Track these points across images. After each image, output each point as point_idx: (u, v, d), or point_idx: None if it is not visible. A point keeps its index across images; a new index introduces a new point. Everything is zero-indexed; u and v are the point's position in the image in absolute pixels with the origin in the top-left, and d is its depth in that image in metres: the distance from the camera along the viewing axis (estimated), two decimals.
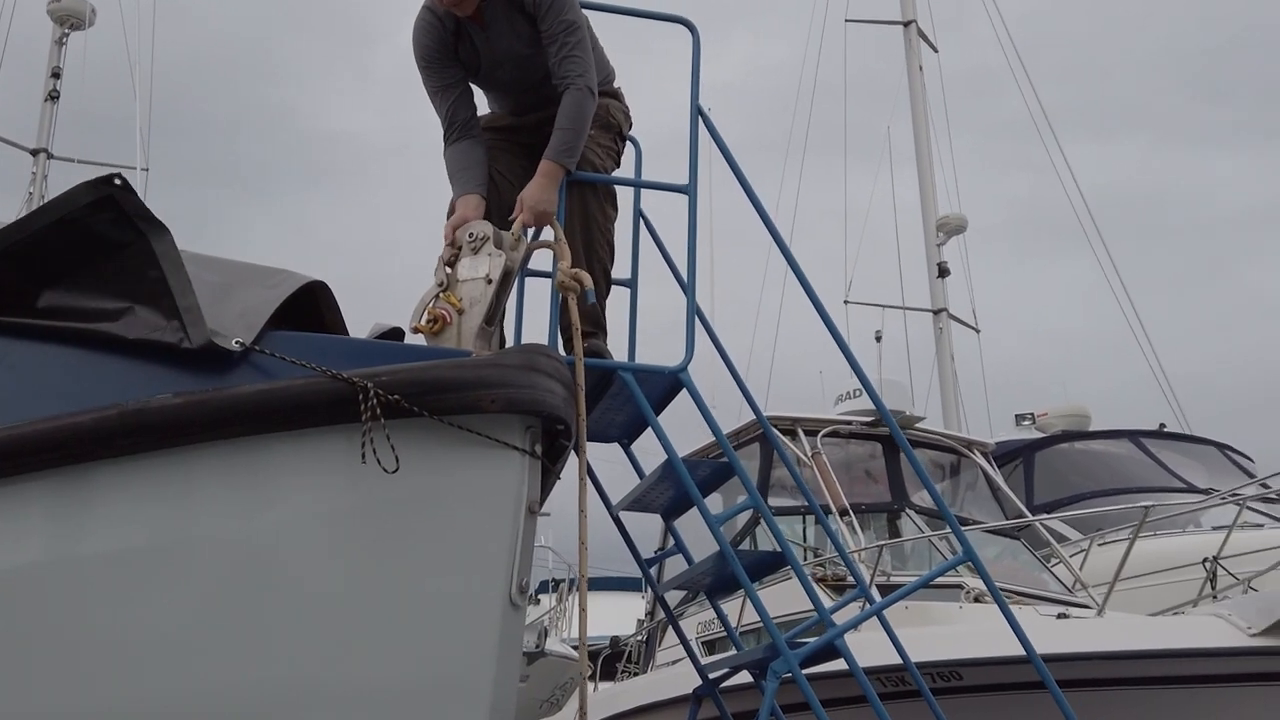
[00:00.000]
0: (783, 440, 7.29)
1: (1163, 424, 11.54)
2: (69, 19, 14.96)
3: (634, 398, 3.98)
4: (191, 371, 2.92)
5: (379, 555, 2.84)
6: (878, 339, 13.23)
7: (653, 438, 4.10)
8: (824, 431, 7.90)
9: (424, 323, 3.48)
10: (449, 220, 3.91)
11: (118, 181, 2.92)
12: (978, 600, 6.55)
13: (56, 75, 14.88)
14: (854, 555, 6.48)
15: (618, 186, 4.41)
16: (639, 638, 9.83)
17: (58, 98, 14.85)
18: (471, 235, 3.68)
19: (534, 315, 4.35)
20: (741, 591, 4.27)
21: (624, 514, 4.88)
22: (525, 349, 3.06)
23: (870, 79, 27.86)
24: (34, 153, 14.68)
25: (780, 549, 4.21)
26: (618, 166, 4.46)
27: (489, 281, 3.55)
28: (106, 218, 2.95)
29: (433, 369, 2.90)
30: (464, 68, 4.28)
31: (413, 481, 2.80)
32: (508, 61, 4.24)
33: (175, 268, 2.95)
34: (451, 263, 3.68)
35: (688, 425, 4.69)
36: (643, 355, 4.39)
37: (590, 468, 4.46)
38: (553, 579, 17.03)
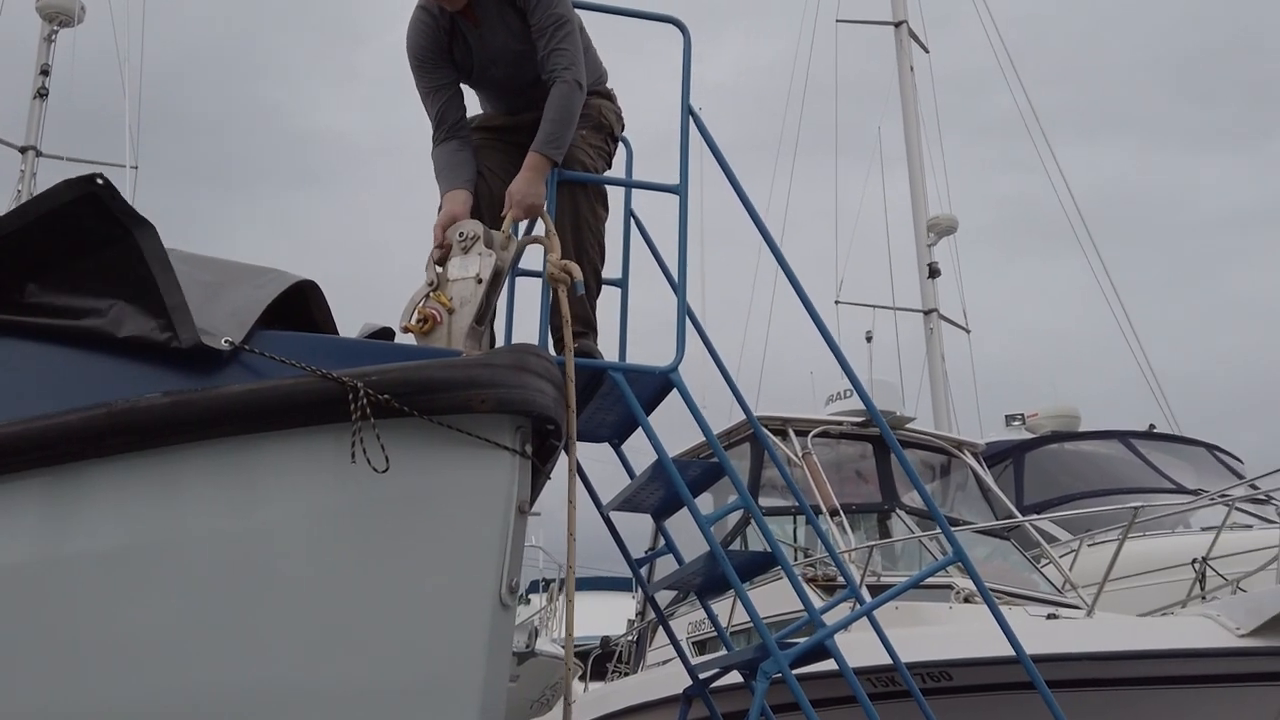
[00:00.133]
0: (773, 440, 7.28)
1: (1152, 425, 11.57)
2: (58, 16, 14.91)
3: (624, 398, 3.98)
4: (180, 371, 2.91)
5: (368, 555, 2.83)
6: (868, 339, 13.21)
7: (643, 437, 4.09)
8: (814, 432, 7.91)
9: (414, 322, 3.47)
10: (438, 217, 3.90)
11: (99, 181, 2.90)
12: (968, 601, 6.55)
13: (45, 72, 14.84)
14: (844, 555, 6.49)
15: (609, 186, 4.41)
16: (629, 638, 9.82)
17: (46, 95, 14.81)
18: (462, 235, 3.67)
19: (524, 315, 4.35)
20: (732, 592, 4.27)
21: (614, 514, 4.87)
22: (515, 349, 3.05)
23: (861, 79, 27.99)
24: (22, 150, 14.64)
25: (770, 549, 4.21)
26: (609, 167, 4.45)
27: (479, 281, 3.54)
28: (91, 215, 2.94)
29: (423, 369, 2.89)
30: (457, 69, 4.27)
31: (403, 481, 2.79)
32: (500, 58, 4.22)
33: (162, 266, 2.94)
34: (441, 262, 3.67)
35: (678, 425, 4.70)
36: (633, 355, 4.39)
37: (580, 467, 4.46)
38: (543, 579, 17.04)
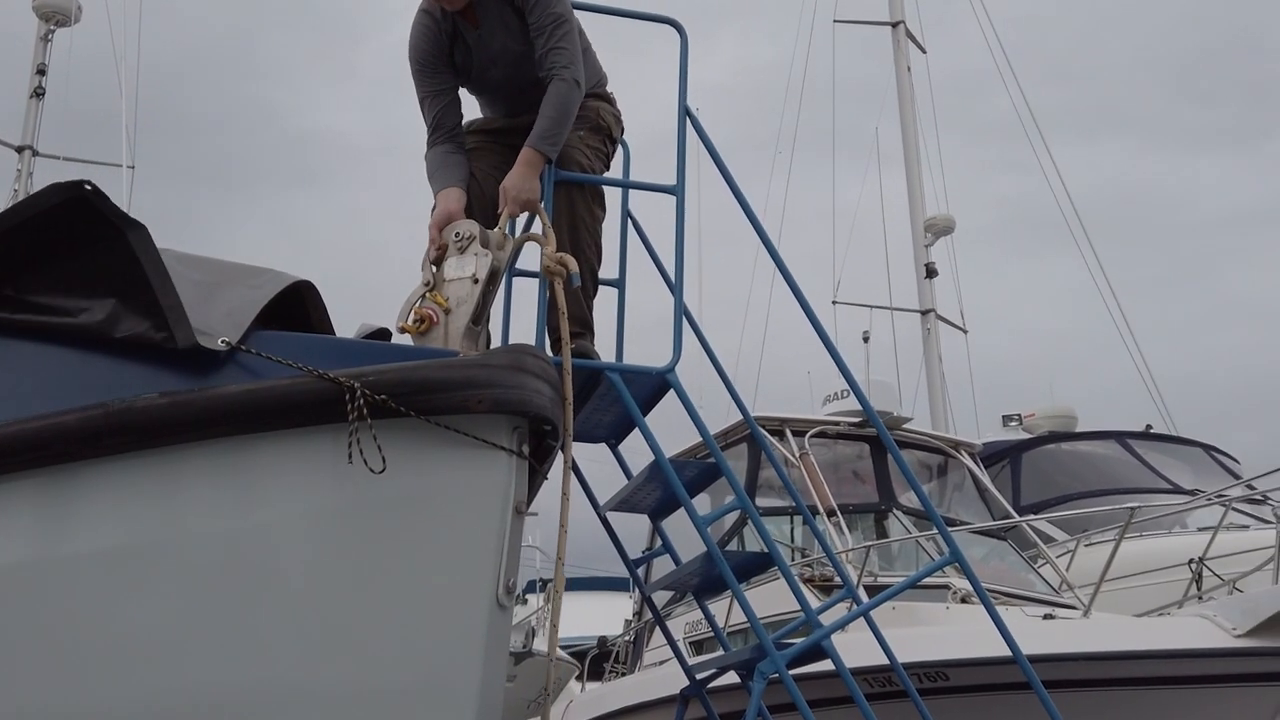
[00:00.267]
0: (770, 441, 7.28)
1: (1149, 425, 11.56)
2: (54, 15, 14.86)
3: (621, 398, 3.97)
4: (177, 371, 2.91)
5: (365, 555, 2.83)
6: (865, 339, 13.22)
7: (640, 438, 4.09)
8: (812, 432, 7.91)
9: (411, 322, 3.47)
10: (432, 216, 3.90)
11: (88, 186, 2.90)
12: (964, 601, 6.55)
13: (42, 72, 14.79)
14: (841, 556, 6.49)
15: (606, 187, 4.40)
16: (626, 638, 9.82)
17: (43, 94, 14.76)
18: (458, 235, 3.66)
19: (521, 315, 4.34)
20: (729, 592, 4.26)
21: (611, 514, 4.87)
22: (512, 349, 3.06)
23: (859, 80, 27.96)
24: (19, 150, 14.60)
25: (767, 550, 4.21)
26: (607, 169, 4.43)
27: (475, 281, 3.54)
28: (82, 218, 2.93)
29: (420, 369, 2.89)
30: (457, 74, 4.26)
31: (399, 482, 2.79)
32: (500, 59, 4.21)
33: (155, 266, 2.94)
34: (437, 262, 3.67)
35: (675, 425, 4.70)
36: (630, 355, 4.39)
37: (577, 467, 4.46)
38: (540, 579, 17.03)
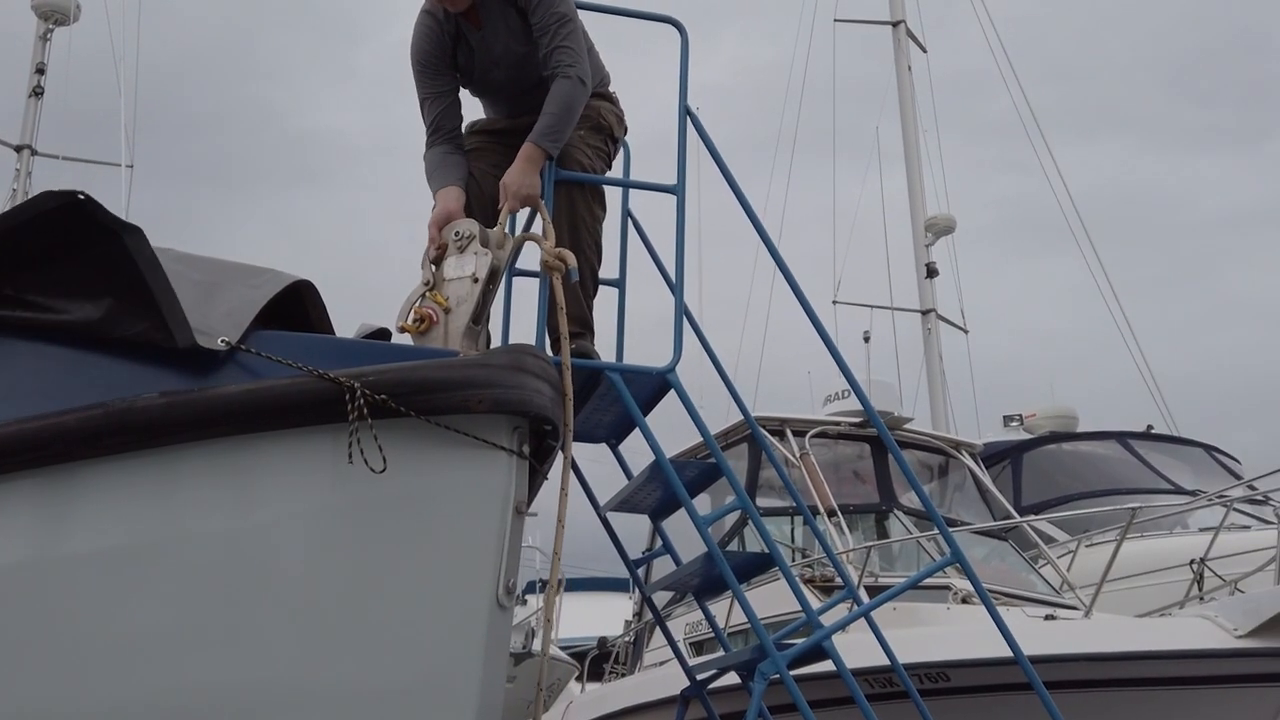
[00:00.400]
0: (771, 441, 7.27)
1: (1150, 425, 11.56)
2: (53, 14, 14.88)
3: (622, 398, 3.96)
4: (177, 371, 2.90)
5: (366, 555, 2.83)
6: (866, 339, 13.24)
7: (640, 438, 4.08)
8: (812, 432, 7.91)
9: (410, 322, 3.46)
10: (432, 215, 3.89)
11: (81, 196, 2.89)
12: (965, 601, 6.55)
13: (41, 71, 14.79)
14: (842, 556, 6.48)
15: (606, 186, 4.39)
16: (626, 639, 9.81)
17: (42, 94, 14.77)
18: (458, 234, 3.65)
19: (522, 314, 4.33)
20: (729, 592, 4.26)
21: (612, 515, 4.86)
22: (512, 349, 3.05)
23: (859, 79, 27.92)
24: (18, 149, 14.61)
25: (768, 550, 4.21)
26: (608, 169, 4.42)
27: (475, 280, 3.53)
28: (77, 221, 2.92)
29: (420, 369, 2.89)
30: (459, 74, 4.25)
31: (400, 482, 2.78)
32: (503, 60, 4.20)
33: (152, 267, 2.93)
34: (437, 261, 3.66)
35: (676, 425, 4.68)
36: (631, 355, 4.38)
37: (578, 467, 4.45)
38: (540, 579, 16.98)
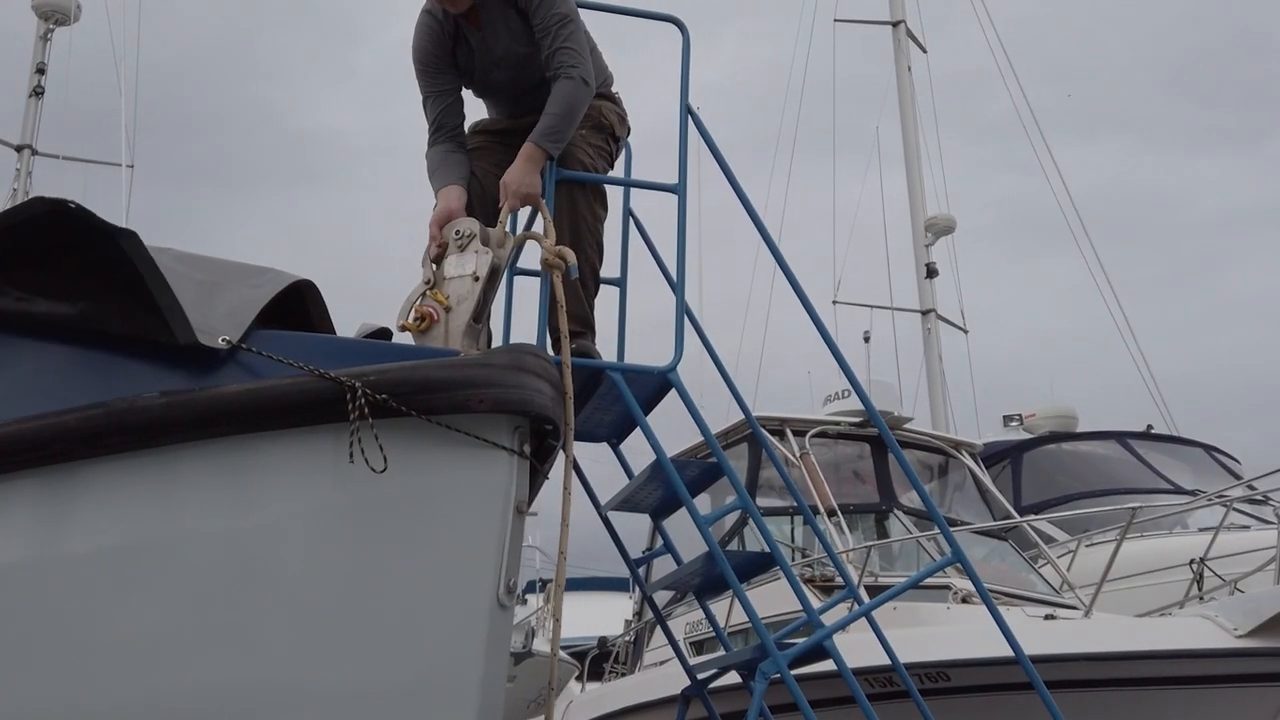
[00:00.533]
0: (771, 440, 7.28)
1: (1150, 425, 11.56)
2: (54, 14, 14.87)
3: (623, 398, 3.96)
4: (178, 370, 2.90)
5: (366, 555, 2.83)
6: (866, 339, 13.25)
7: (641, 437, 4.08)
8: (812, 432, 7.91)
9: (411, 320, 3.46)
10: (433, 214, 3.88)
11: (72, 205, 2.89)
12: (965, 601, 6.55)
13: (41, 71, 14.79)
14: (842, 556, 6.48)
15: (607, 186, 4.39)
16: (627, 638, 9.81)
17: (42, 93, 14.76)
18: (458, 233, 3.65)
19: (522, 314, 4.33)
20: (730, 592, 4.26)
21: (612, 514, 4.86)
22: (513, 349, 3.05)
23: (859, 79, 27.96)
24: (18, 149, 14.61)
25: (769, 550, 4.20)
26: (610, 168, 4.41)
27: (476, 279, 3.53)
28: (70, 227, 2.92)
29: (420, 369, 2.88)
30: (460, 74, 4.25)
31: (400, 481, 2.78)
32: (504, 61, 4.20)
33: (149, 267, 2.93)
34: (438, 259, 3.66)
35: (677, 425, 4.68)
36: (632, 355, 4.38)
37: (579, 466, 4.45)
38: (540, 579, 16.99)
